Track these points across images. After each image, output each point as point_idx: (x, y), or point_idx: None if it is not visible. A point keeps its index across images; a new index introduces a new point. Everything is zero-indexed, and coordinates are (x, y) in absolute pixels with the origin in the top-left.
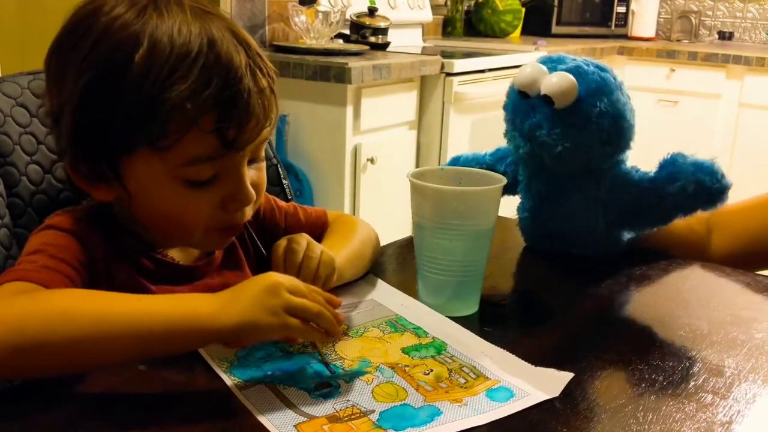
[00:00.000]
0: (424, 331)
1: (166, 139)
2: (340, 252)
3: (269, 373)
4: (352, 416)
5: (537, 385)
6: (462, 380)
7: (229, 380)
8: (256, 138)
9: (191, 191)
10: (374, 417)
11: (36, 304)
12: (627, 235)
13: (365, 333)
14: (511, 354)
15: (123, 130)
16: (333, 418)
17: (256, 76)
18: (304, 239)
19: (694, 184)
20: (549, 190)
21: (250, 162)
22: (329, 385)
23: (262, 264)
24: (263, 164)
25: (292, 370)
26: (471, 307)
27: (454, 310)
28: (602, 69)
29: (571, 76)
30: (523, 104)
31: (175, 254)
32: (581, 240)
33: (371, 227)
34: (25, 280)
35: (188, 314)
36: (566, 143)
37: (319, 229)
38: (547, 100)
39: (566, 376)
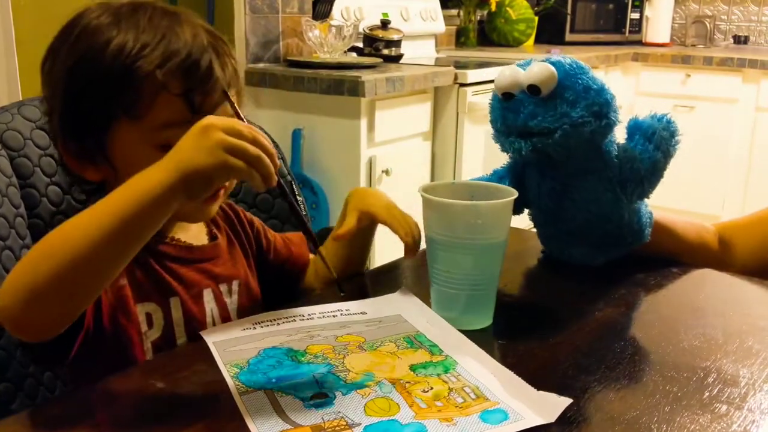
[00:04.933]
0: (439, 349)
1: (140, 105)
2: None
3: (273, 380)
4: (337, 428)
5: (534, 409)
6: (460, 400)
7: (233, 385)
8: (219, 105)
9: None
10: (358, 430)
11: (32, 251)
12: (645, 221)
13: (380, 347)
14: (517, 377)
15: (103, 103)
16: (317, 428)
17: (217, 51)
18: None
19: (663, 131)
20: (564, 182)
21: None
22: (325, 395)
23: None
24: None
25: (295, 379)
26: (484, 321)
27: (468, 324)
28: (569, 59)
29: (548, 64)
30: (510, 105)
31: (183, 237)
32: (610, 229)
33: None
34: None
35: (143, 194)
36: (564, 124)
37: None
38: (533, 89)
39: (564, 402)
